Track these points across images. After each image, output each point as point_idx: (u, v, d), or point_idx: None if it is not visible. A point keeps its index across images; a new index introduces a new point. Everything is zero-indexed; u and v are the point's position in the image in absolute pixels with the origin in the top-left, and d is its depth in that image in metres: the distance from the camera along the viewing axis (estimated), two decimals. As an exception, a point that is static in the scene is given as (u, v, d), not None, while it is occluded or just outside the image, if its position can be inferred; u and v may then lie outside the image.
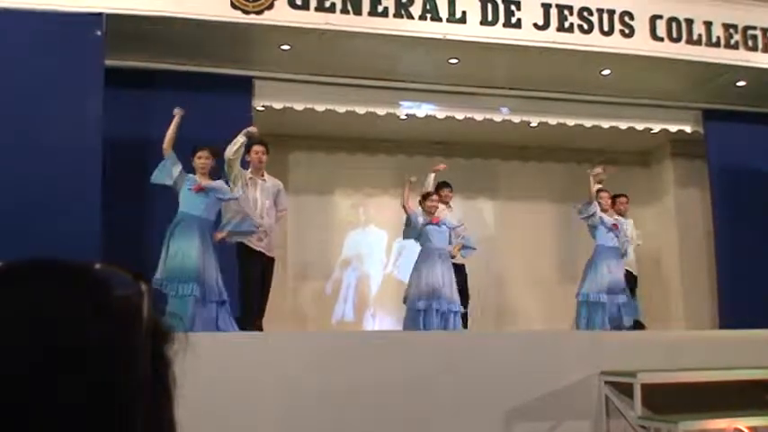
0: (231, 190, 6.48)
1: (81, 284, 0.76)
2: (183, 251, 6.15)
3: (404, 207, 7.76)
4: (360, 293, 10.12)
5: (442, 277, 7.40)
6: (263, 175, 7.05)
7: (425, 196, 7.85)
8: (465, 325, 7.63)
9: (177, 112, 6.34)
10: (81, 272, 0.80)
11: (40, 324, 0.71)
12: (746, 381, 5.22)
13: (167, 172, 6.37)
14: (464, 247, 8.02)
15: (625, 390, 4.89)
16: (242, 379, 4.77)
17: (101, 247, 6.41)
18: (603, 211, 8.05)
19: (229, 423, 4.54)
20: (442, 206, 8.08)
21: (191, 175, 6.45)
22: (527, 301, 9.88)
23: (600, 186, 8.11)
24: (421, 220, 7.69)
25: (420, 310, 7.26)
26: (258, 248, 6.81)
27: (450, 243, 7.77)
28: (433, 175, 8.17)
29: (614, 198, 8.55)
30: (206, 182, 6.45)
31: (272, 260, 7.01)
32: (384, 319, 9.99)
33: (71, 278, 0.79)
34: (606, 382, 5.01)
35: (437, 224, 7.73)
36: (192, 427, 0.85)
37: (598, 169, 8.13)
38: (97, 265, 0.81)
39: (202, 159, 6.51)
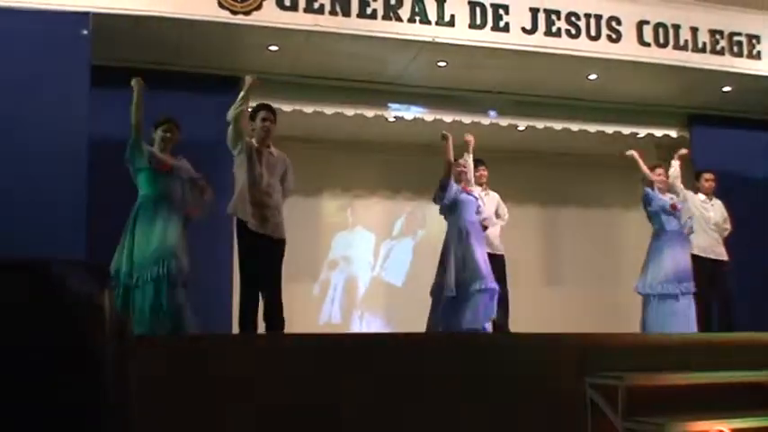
0: (235, 159, 6.03)
1: (36, 281, 0.75)
2: (148, 236, 5.81)
3: (448, 164, 7.09)
4: (347, 295, 10.12)
5: (479, 254, 6.91)
6: (269, 147, 6.23)
7: (455, 161, 7.25)
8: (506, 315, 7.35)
9: (134, 83, 5.92)
10: (38, 269, 0.79)
11: None
12: (731, 383, 5.25)
13: (142, 152, 5.95)
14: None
15: (610, 392, 4.91)
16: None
17: (87, 246, 6.38)
18: (659, 191, 7.59)
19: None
20: (477, 188, 7.53)
21: (152, 150, 6.05)
22: (512, 303, 9.89)
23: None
24: (455, 188, 7.13)
25: (449, 298, 6.79)
26: (260, 231, 5.94)
27: (477, 214, 7.21)
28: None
29: (698, 174, 8.10)
30: (171, 159, 6.09)
31: (280, 242, 6.07)
32: (372, 321, 9.99)
33: (26, 275, 0.78)
34: (591, 385, 5.03)
35: (469, 193, 7.22)
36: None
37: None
38: (56, 262, 0.80)
39: (165, 132, 6.11)
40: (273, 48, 7.77)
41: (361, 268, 10.27)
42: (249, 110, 6.32)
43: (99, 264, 0.75)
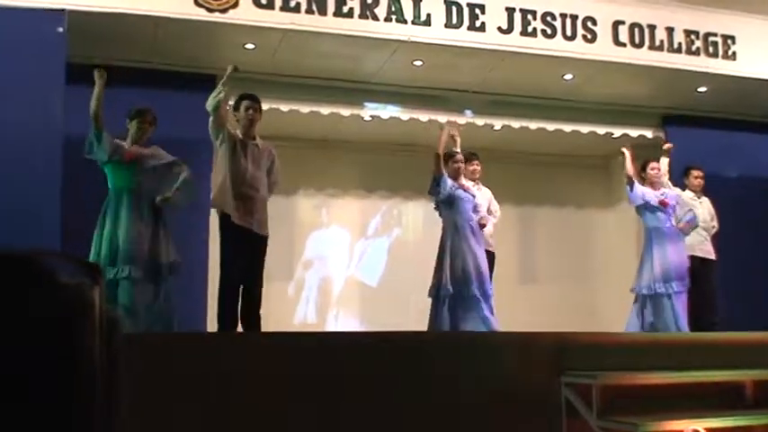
0: (217, 150, 5.93)
1: (26, 272, 0.74)
2: (114, 231, 5.76)
3: (437, 157, 6.88)
4: (322, 294, 10.10)
5: (475, 255, 6.72)
6: (254, 138, 6.08)
7: (450, 156, 7.05)
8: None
9: (96, 73, 5.83)
10: (27, 260, 0.78)
11: None
12: (707, 382, 5.29)
13: (105, 148, 5.90)
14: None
15: (585, 391, 4.92)
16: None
17: (61, 245, 6.33)
18: (651, 186, 7.52)
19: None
20: (469, 183, 7.34)
21: (122, 143, 6.00)
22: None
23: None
24: (450, 183, 6.90)
25: (447, 297, 6.62)
26: (245, 225, 5.81)
27: (474, 212, 6.99)
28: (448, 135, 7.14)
29: (687, 170, 8.08)
30: (139, 150, 6.02)
31: (263, 238, 5.96)
32: (346, 321, 9.97)
33: (16, 266, 0.77)
34: (566, 384, 5.04)
35: (465, 190, 7.01)
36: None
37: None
38: (46, 254, 0.79)
39: (140, 123, 6.05)
40: (250, 46, 7.74)
41: (336, 267, 10.25)
42: (232, 101, 6.26)
43: (92, 262, 0.75)
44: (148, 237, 5.83)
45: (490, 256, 7.43)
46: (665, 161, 7.76)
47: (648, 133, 9.55)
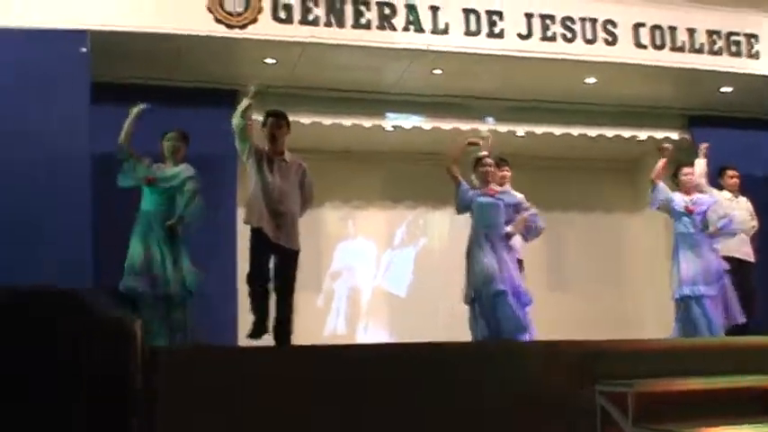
0: (245, 166, 6.12)
1: (72, 308, 0.76)
2: (135, 252, 6.11)
3: (448, 170, 6.77)
4: (351, 305, 10.07)
5: (500, 261, 6.50)
6: (282, 153, 6.10)
7: (478, 160, 6.91)
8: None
9: (136, 108, 6.28)
10: (71, 297, 0.80)
11: (40, 342, 0.70)
12: (744, 388, 5.21)
13: (129, 173, 6.32)
14: (528, 229, 7.09)
15: (620, 399, 4.87)
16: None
17: (92, 262, 6.39)
18: (685, 192, 7.39)
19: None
20: (498, 188, 7.03)
21: (156, 165, 6.37)
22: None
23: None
24: (470, 191, 6.74)
25: (475, 301, 6.49)
26: (274, 240, 5.84)
27: (507, 222, 6.75)
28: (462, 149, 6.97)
29: (722, 171, 7.98)
30: (167, 168, 6.35)
31: (292, 253, 5.95)
32: (376, 332, 9.94)
33: (63, 303, 0.79)
34: (600, 393, 4.99)
35: (492, 196, 6.77)
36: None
37: (666, 144, 7.66)
38: (86, 290, 0.80)
39: (171, 142, 6.42)
40: (270, 60, 7.77)
41: (363, 278, 10.23)
42: (260, 117, 6.34)
43: (129, 294, 0.76)
44: (161, 257, 6.11)
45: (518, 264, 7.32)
46: (701, 162, 7.64)
47: (674, 135, 9.44)
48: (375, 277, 10.26)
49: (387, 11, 7.56)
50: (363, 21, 7.50)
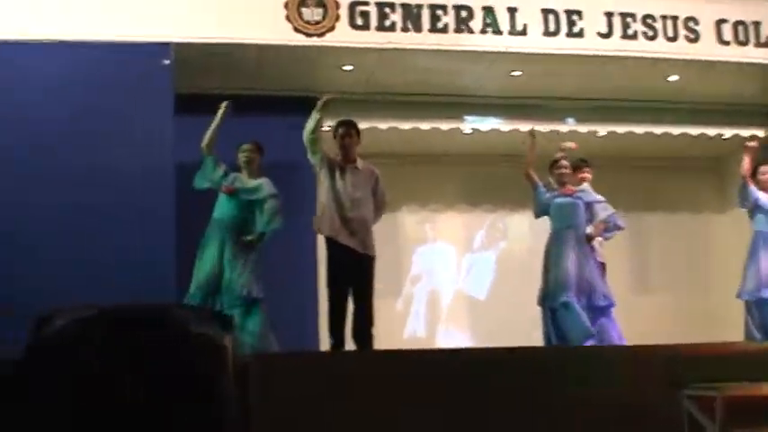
0: (317, 176, 6.21)
1: (164, 325, 0.78)
2: (206, 259, 6.15)
3: (526, 175, 6.88)
4: (431, 309, 10.08)
5: (579, 263, 6.54)
6: (354, 161, 6.24)
7: (554, 162, 6.99)
8: None
9: (223, 106, 6.36)
10: (164, 314, 0.83)
11: (136, 357, 0.73)
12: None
13: (207, 174, 6.36)
14: (607, 228, 7.06)
15: (708, 404, 4.76)
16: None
17: (176, 276, 6.52)
18: (764, 191, 7.21)
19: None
20: (575, 187, 7.06)
21: (233, 175, 6.40)
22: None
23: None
24: (547, 192, 6.83)
25: (553, 309, 6.46)
26: (349, 246, 5.97)
27: (587, 222, 6.77)
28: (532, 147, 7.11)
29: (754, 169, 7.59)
30: (245, 178, 6.39)
31: (367, 259, 6.07)
32: (456, 335, 9.92)
33: (156, 320, 0.82)
34: (688, 397, 4.89)
35: (570, 195, 6.82)
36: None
37: (753, 142, 7.38)
38: (179, 308, 0.84)
39: (246, 153, 6.47)
40: (348, 67, 7.84)
41: (443, 282, 10.22)
42: (328, 127, 6.43)
43: (223, 312, 0.80)
44: (230, 267, 6.14)
45: (600, 267, 7.25)
46: None
47: (760, 132, 9.18)
48: (455, 281, 10.24)
49: (464, 14, 7.55)
50: (440, 25, 7.51)
